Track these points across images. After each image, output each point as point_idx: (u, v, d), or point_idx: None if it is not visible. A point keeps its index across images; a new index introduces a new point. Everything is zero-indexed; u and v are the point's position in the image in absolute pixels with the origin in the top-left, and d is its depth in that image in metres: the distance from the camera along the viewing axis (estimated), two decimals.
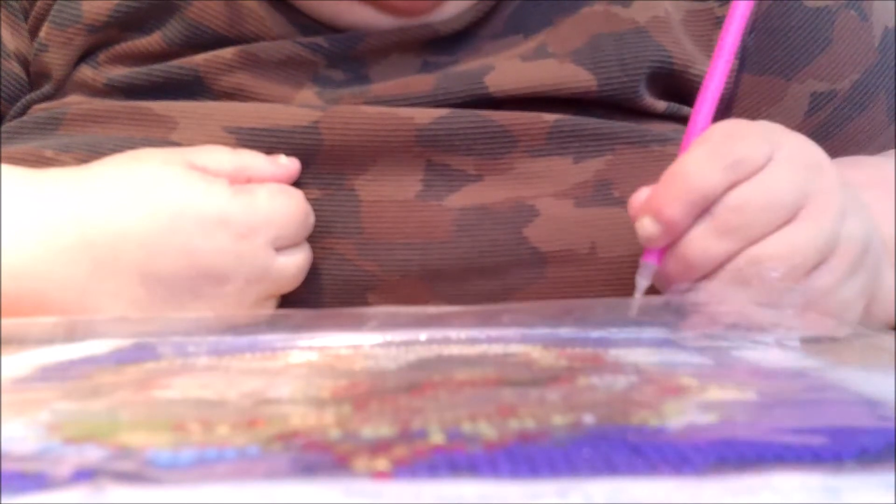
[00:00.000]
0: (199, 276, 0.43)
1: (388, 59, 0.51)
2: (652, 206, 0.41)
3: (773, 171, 0.41)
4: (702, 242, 0.40)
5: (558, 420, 0.22)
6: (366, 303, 0.47)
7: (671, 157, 0.43)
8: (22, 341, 0.36)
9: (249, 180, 0.45)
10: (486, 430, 0.21)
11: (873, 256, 0.43)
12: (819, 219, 0.40)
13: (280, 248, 0.44)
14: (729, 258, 0.40)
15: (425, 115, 0.48)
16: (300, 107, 0.48)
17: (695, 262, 0.40)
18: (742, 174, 0.40)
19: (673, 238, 0.41)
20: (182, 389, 0.28)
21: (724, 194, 0.40)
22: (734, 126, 0.43)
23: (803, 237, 0.40)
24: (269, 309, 0.45)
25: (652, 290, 0.43)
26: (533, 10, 0.52)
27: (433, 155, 0.48)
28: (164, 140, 0.48)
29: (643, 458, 0.19)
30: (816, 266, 0.40)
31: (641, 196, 0.42)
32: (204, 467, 0.19)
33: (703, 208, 0.40)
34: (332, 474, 0.19)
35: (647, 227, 0.41)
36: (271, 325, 0.40)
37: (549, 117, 0.48)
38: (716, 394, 0.26)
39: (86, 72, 0.51)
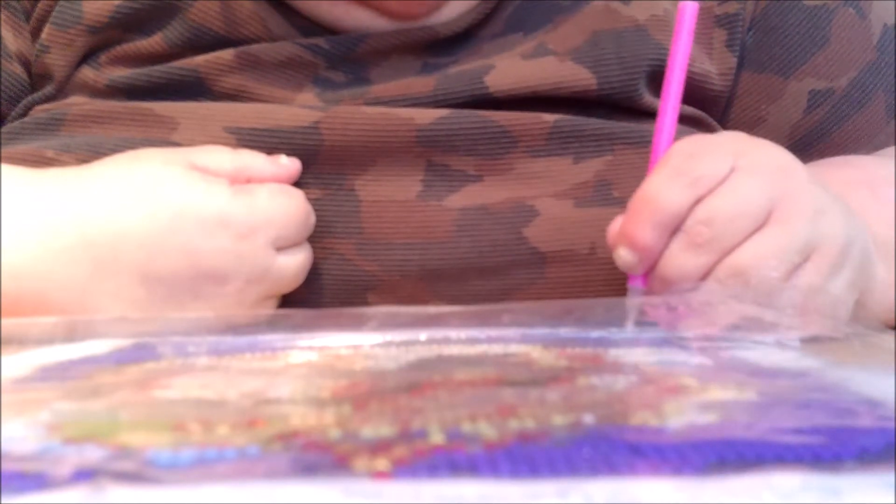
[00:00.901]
0: (200, 276, 0.43)
1: (389, 61, 0.51)
2: (624, 235, 0.41)
3: (737, 180, 0.41)
4: (678, 260, 0.40)
5: (558, 420, 0.22)
6: (366, 303, 0.47)
7: None
8: (22, 341, 0.36)
9: (250, 180, 0.45)
10: (486, 430, 0.21)
11: (859, 251, 0.43)
12: (791, 220, 0.41)
13: (280, 249, 0.44)
14: (708, 271, 0.40)
15: (425, 116, 0.48)
16: (301, 107, 0.48)
17: (675, 279, 0.40)
18: (706, 188, 0.40)
19: (651, 262, 0.41)
20: (182, 389, 0.28)
21: (692, 210, 0.40)
22: (694, 143, 0.44)
23: (778, 240, 0.40)
24: (269, 309, 0.45)
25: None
26: (533, 9, 0.52)
27: (433, 155, 0.48)
28: (164, 140, 0.48)
29: (643, 458, 0.19)
30: (800, 266, 0.41)
31: (616, 227, 0.42)
32: (204, 467, 0.19)
33: (674, 228, 0.40)
34: (332, 474, 0.19)
35: (623, 256, 0.41)
36: (271, 325, 0.40)
37: (549, 118, 0.48)
38: (716, 394, 0.26)
39: (87, 73, 0.51)
